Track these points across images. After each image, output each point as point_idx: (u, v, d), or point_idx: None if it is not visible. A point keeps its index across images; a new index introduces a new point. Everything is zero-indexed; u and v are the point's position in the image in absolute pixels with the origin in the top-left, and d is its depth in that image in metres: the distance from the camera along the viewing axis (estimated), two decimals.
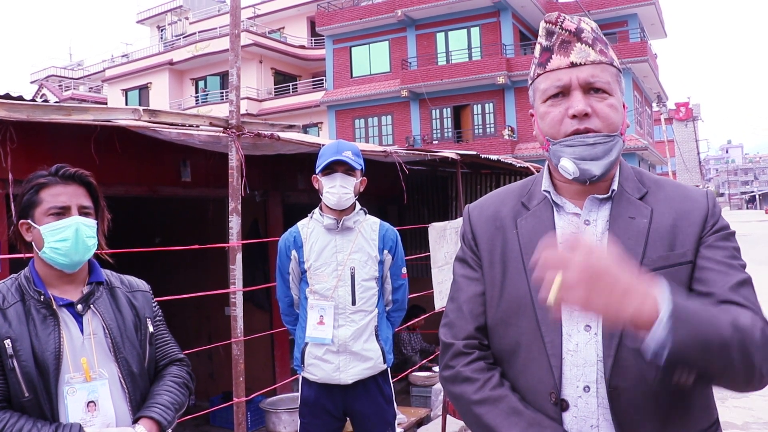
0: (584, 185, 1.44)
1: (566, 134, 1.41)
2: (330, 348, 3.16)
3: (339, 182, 3.13)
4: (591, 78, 1.40)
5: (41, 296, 1.89)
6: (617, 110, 1.42)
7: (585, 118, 1.39)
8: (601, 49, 1.43)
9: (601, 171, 1.39)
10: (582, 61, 1.41)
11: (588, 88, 1.40)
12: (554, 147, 1.43)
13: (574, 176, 1.40)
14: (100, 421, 1.87)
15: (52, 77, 46.50)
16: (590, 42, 1.42)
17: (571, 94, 1.41)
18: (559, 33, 1.43)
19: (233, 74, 3.80)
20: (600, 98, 1.41)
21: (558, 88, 1.42)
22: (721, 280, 1.34)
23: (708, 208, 1.44)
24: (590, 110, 1.39)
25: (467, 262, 1.58)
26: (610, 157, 1.40)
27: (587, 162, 1.39)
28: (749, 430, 5.27)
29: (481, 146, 23.53)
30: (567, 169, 1.40)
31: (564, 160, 1.40)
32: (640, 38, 28.70)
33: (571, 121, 1.40)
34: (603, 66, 1.42)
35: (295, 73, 34.33)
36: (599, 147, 1.39)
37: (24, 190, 1.94)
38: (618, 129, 1.42)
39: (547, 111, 1.44)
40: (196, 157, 4.89)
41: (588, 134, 1.39)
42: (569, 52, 1.42)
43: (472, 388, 1.44)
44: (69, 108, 3.46)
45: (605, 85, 1.41)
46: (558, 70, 1.42)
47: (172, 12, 40.06)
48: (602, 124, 1.39)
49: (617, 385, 1.34)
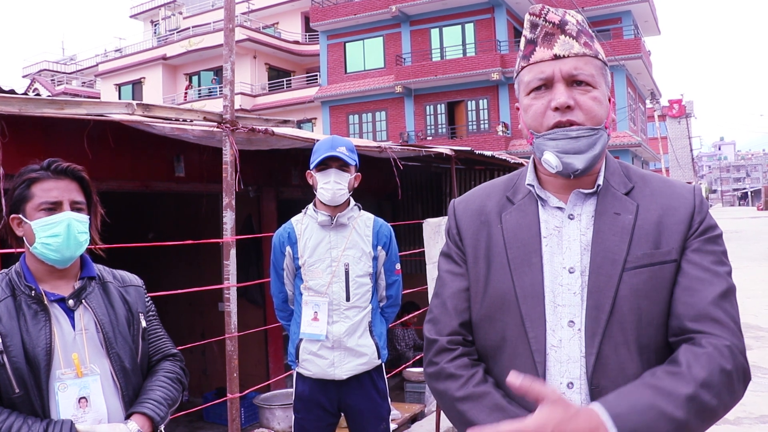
0: (569, 179, 1.43)
1: (549, 127, 1.39)
2: (324, 344, 3.15)
3: (333, 178, 3.11)
4: (574, 70, 1.39)
5: (32, 291, 1.87)
6: (601, 103, 1.41)
7: (568, 111, 1.38)
8: (585, 42, 1.41)
9: (584, 165, 1.38)
10: (565, 54, 1.39)
11: (571, 81, 1.39)
12: (537, 140, 1.42)
13: (557, 170, 1.39)
14: (91, 417, 1.85)
15: (44, 71, 46.29)
16: (574, 34, 1.41)
17: (554, 86, 1.40)
18: (543, 25, 1.42)
19: (228, 69, 3.78)
20: (583, 91, 1.39)
21: (541, 80, 1.41)
22: (704, 290, 1.33)
23: (694, 205, 1.42)
24: (573, 103, 1.38)
25: (452, 257, 1.57)
26: (594, 151, 1.39)
27: (570, 156, 1.38)
28: (742, 425, 5.30)
29: (475, 142, 23.56)
30: (550, 162, 1.39)
31: (547, 154, 1.39)
32: (633, 35, 28.76)
33: (553, 114, 1.39)
34: (587, 58, 1.41)
35: (289, 69, 34.25)
36: (582, 140, 1.37)
37: (15, 184, 1.92)
38: (602, 122, 1.41)
39: (530, 104, 1.43)
40: (190, 152, 4.87)
41: (571, 127, 1.38)
42: (553, 45, 1.40)
43: (455, 385, 1.43)
44: (62, 102, 3.44)
45: (588, 77, 1.40)
46: (541, 63, 1.41)
47: (166, 6, 39.91)
48: (585, 117, 1.38)
49: (599, 383, 1.34)
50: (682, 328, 1.33)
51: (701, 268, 1.36)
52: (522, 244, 1.45)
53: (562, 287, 1.40)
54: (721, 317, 1.31)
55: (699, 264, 1.37)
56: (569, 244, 1.42)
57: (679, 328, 1.33)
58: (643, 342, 1.35)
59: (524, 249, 1.44)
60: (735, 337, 1.30)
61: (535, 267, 1.42)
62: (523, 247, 1.44)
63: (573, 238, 1.42)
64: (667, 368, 1.28)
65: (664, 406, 1.20)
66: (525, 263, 1.43)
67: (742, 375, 1.30)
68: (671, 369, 1.27)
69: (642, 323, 1.34)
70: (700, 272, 1.36)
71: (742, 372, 1.29)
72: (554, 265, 1.42)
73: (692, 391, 1.22)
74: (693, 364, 1.25)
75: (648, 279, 1.35)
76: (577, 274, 1.39)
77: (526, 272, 1.42)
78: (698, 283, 1.35)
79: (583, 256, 1.40)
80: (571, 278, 1.40)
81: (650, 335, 1.35)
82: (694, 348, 1.29)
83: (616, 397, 1.25)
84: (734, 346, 1.29)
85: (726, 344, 1.28)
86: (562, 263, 1.41)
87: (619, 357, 1.34)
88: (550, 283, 1.41)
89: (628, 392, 1.25)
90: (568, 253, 1.41)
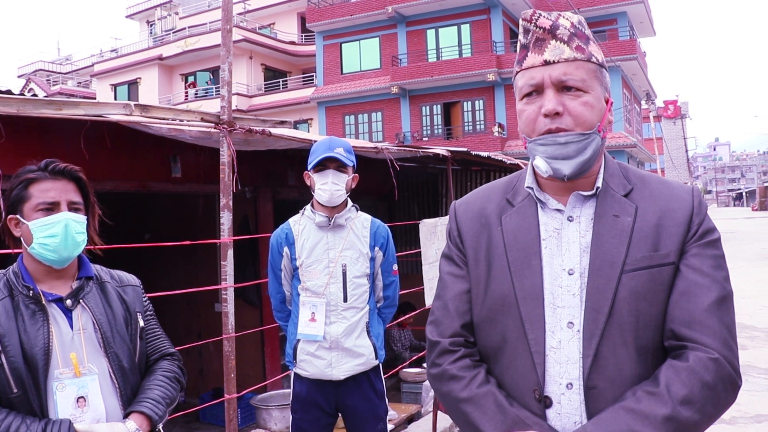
0: (568, 182, 1.44)
1: (540, 133, 1.41)
2: (322, 344, 3.16)
3: (331, 179, 3.12)
4: (563, 76, 1.39)
5: (30, 291, 1.87)
6: (593, 108, 1.41)
7: (556, 117, 1.39)
8: (577, 45, 1.41)
9: (571, 170, 1.39)
10: (555, 59, 1.40)
11: (561, 87, 1.40)
12: (530, 145, 1.44)
13: (547, 174, 1.41)
14: (90, 417, 1.85)
15: (39, 71, 46.17)
16: (566, 39, 1.41)
17: (544, 92, 1.40)
18: (534, 30, 1.43)
19: (225, 70, 3.78)
20: (573, 96, 1.39)
21: (532, 86, 1.42)
22: (700, 296, 1.35)
23: (693, 207, 1.43)
24: (561, 109, 1.38)
25: (453, 259, 1.58)
26: (584, 156, 1.39)
27: (558, 161, 1.39)
28: (737, 424, 5.32)
29: (471, 143, 23.57)
30: (540, 167, 1.41)
31: (537, 159, 1.41)
32: (629, 36, 28.83)
33: (544, 120, 1.40)
34: (578, 63, 1.40)
35: (285, 69, 34.24)
36: (571, 146, 1.38)
37: (13, 185, 1.92)
38: (594, 126, 1.41)
39: (522, 109, 1.45)
40: (187, 152, 4.87)
41: (559, 133, 1.38)
42: (543, 50, 1.41)
43: (458, 386, 1.45)
44: (60, 102, 3.43)
45: (579, 83, 1.39)
46: (532, 68, 1.42)
47: (162, 7, 39.85)
48: (575, 123, 1.39)
49: (595, 384, 1.35)
50: (675, 333, 1.35)
51: (699, 273, 1.37)
52: (522, 247, 1.46)
53: (562, 289, 1.41)
54: (713, 326, 1.33)
55: (697, 268, 1.38)
56: (569, 246, 1.43)
57: (673, 332, 1.35)
58: (641, 343, 1.36)
59: (524, 251, 1.45)
60: (725, 347, 1.32)
61: (535, 269, 1.43)
62: (523, 249, 1.46)
63: (572, 240, 1.43)
64: (647, 388, 1.30)
65: (642, 429, 1.24)
66: (525, 265, 1.44)
67: (729, 385, 1.32)
68: (650, 389, 1.30)
69: (640, 325, 1.36)
70: (698, 277, 1.37)
71: (728, 382, 1.31)
72: (554, 266, 1.43)
73: (669, 412, 1.25)
74: (672, 382, 1.28)
75: (646, 281, 1.37)
76: (577, 276, 1.40)
77: (526, 274, 1.43)
78: (695, 288, 1.36)
79: (583, 258, 1.41)
80: (570, 280, 1.41)
81: (648, 337, 1.36)
82: (676, 363, 1.31)
83: (593, 425, 1.28)
84: (721, 358, 1.30)
85: (712, 357, 1.30)
86: (562, 265, 1.42)
87: (618, 358, 1.35)
88: (550, 285, 1.42)
89: (606, 419, 1.28)
90: (568, 255, 1.42)
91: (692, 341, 1.32)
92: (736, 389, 1.34)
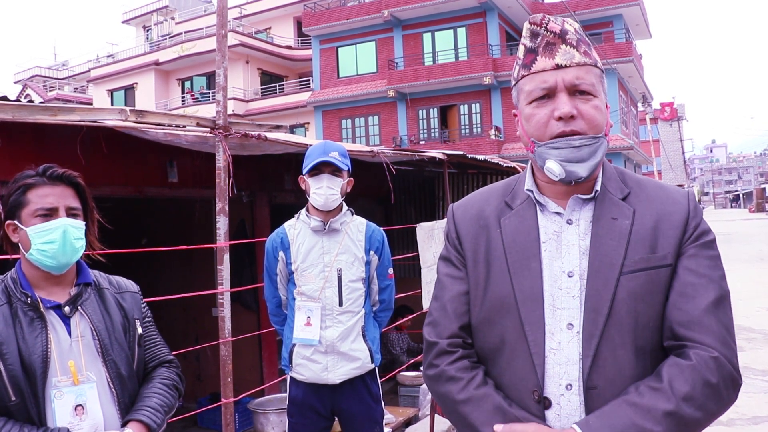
0: (568, 185, 1.45)
1: (552, 136, 1.41)
2: (318, 348, 3.16)
3: (326, 183, 3.12)
4: (576, 80, 1.41)
5: (28, 298, 1.86)
6: (601, 111, 1.44)
7: (571, 120, 1.40)
8: (585, 51, 1.44)
9: (587, 173, 1.41)
10: (567, 63, 1.42)
11: (573, 90, 1.41)
12: (540, 149, 1.44)
13: (560, 178, 1.41)
14: (88, 425, 1.85)
15: (36, 77, 46.09)
16: (574, 44, 1.43)
17: (556, 96, 1.42)
18: (544, 35, 1.44)
19: (220, 74, 3.80)
20: (585, 100, 1.42)
21: (544, 90, 1.43)
22: (698, 296, 1.37)
23: (689, 210, 1.45)
24: (576, 112, 1.40)
25: (451, 261, 1.59)
26: (596, 159, 1.41)
27: (573, 164, 1.40)
28: (734, 426, 5.33)
29: (467, 146, 23.59)
30: (553, 171, 1.41)
31: (550, 162, 1.41)
32: (625, 38, 28.90)
33: (557, 123, 1.41)
34: (587, 68, 1.43)
35: (281, 74, 34.25)
36: (585, 149, 1.40)
37: (10, 190, 1.91)
38: (602, 130, 1.43)
39: (532, 113, 1.45)
40: (183, 157, 4.87)
41: (574, 137, 1.40)
42: (554, 54, 1.42)
43: (456, 387, 1.46)
44: (55, 108, 3.44)
45: (590, 87, 1.42)
46: (543, 72, 1.43)
47: (158, 12, 39.87)
48: (587, 126, 1.41)
49: (595, 384, 1.36)
50: (674, 334, 1.36)
51: (696, 274, 1.39)
52: (521, 249, 1.47)
53: (562, 291, 1.42)
54: (712, 325, 1.34)
55: (694, 269, 1.39)
56: (568, 248, 1.44)
57: (672, 332, 1.37)
58: (639, 344, 1.37)
59: (523, 253, 1.46)
60: (724, 346, 1.33)
61: (535, 271, 1.44)
62: (523, 251, 1.47)
63: (572, 243, 1.44)
64: (650, 383, 1.32)
65: (643, 423, 1.25)
66: (524, 267, 1.45)
67: (730, 383, 1.33)
68: (654, 384, 1.31)
69: (639, 326, 1.37)
70: (695, 278, 1.38)
71: (729, 381, 1.33)
72: (553, 269, 1.44)
73: (672, 407, 1.26)
74: (676, 378, 1.30)
75: (645, 283, 1.38)
76: (576, 278, 1.42)
77: (526, 276, 1.44)
78: (693, 289, 1.37)
79: (582, 260, 1.42)
80: (570, 282, 1.42)
81: (647, 337, 1.38)
82: (679, 361, 1.33)
83: (596, 417, 1.30)
84: (721, 357, 1.32)
85: (713, 356, 1.31)
86: (562, 267, 1.44)
87: (617, 358, 1.36)
88: (550, 287, 1.43)
89: (608, 412, 1.30)
90: (567, 258, 1.44)
91: (692, 341, 1.34)
92: (737, 388, 1.35)
